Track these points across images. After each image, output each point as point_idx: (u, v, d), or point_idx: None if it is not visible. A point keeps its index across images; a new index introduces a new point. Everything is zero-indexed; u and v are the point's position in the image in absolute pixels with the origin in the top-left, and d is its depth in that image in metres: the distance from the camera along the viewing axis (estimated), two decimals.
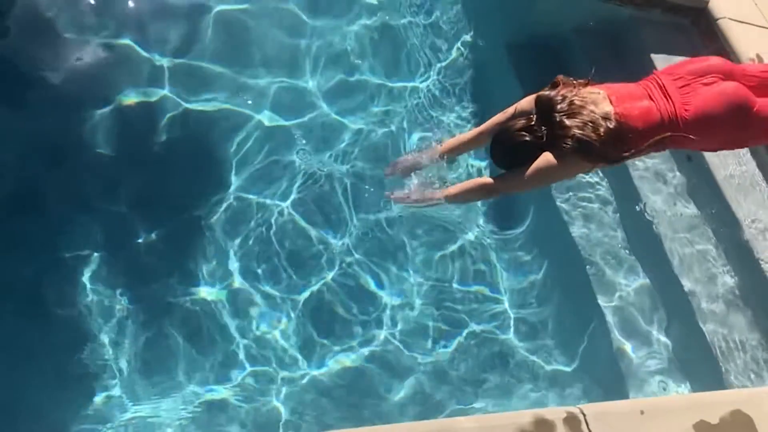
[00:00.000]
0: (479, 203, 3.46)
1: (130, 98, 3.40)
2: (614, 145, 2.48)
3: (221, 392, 2.84)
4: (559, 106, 2.49)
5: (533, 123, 2.52)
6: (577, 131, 2.43)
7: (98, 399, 2.72)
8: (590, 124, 2.44)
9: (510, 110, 2.67)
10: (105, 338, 2.84)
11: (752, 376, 3.17)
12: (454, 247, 3.47)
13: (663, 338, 3.41)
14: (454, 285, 3.39)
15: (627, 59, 4.17)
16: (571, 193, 3.68)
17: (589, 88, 2.59)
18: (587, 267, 3.50)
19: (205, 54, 3.63)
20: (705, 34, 4.14)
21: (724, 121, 2.59)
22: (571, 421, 2.20)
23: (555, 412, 2.22)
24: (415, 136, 3.71)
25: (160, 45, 3.57)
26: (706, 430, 2.29)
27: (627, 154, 2.55)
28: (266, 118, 3.56)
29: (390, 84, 3.89)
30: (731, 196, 3.55)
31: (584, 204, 3.71)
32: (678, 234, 3.54)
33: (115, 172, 3.22)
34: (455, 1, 4.31)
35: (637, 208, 3.62)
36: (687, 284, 3.37)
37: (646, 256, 3.60)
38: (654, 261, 3.56)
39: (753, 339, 3.29)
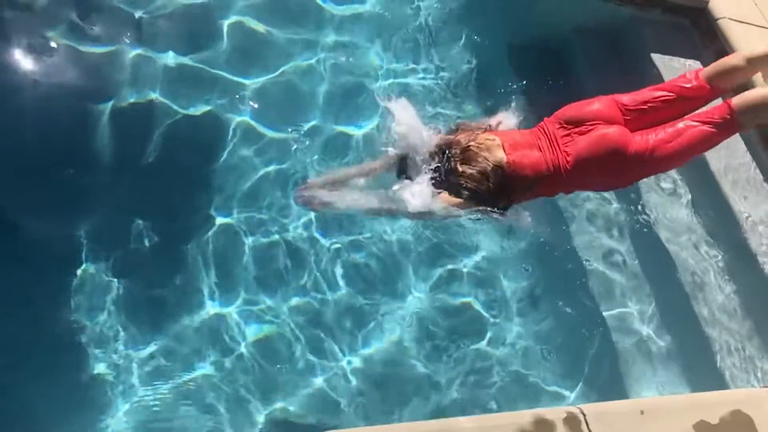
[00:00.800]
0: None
1: (126, 102, 3.38)
2: (502, 194, 2.69)
3: (222, 391, 2.84)
4: (455, 151, 2.70)
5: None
6: (468, 181, 2.65)
7: (99, 396, 2.72)
8: (482, 173, 2.64)
9: None
10: (104, 336, 2.84)
11: (752, 376, 3.17)
12: (454, 254, 3.46)
13: (662, 338, 3.41)
14: (455, 288, 3.38)
15: (627, 59, 4.17)
16: (570, 195, 3.68)
17: (485, 135, 2.77)
18: (587, 268, 3.51)
19: (203, 57, 3.63)
20: (705, 34, 4.14)
21: (602, 165, 2.72)
22: (571, 421, 2.20)
23: (555, 412, 2.23)
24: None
25: (157, 47, 3.57)
26: (706, 430, 2.29)
27: (514, 200, 2.76)
28: (265, 120, 3.55)
29: (389, 84, 3.88)
30: (731, 197, 3.55)
31: (584, 205, 3.72)
32: (677, 235, 3.54)
33: (112, 175, 3.21)
34: (456, 1, 4.31)
35: (636, 209, 3.62)
36: (686, 284, 3.37)
37: (645, 258, 3.60)
38: (653, 262, 3.56)
39: (753, 339, 3.29)
